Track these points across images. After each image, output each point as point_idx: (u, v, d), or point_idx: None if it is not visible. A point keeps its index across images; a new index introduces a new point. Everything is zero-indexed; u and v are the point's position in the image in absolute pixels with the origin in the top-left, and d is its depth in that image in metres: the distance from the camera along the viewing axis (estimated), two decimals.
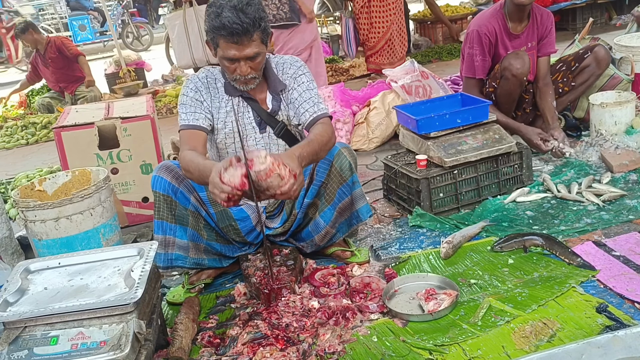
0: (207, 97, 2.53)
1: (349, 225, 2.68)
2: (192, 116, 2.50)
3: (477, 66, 3.56)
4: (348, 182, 2.56)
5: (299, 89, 2.54)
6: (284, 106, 2.59)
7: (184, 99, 2.53)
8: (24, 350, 1.80)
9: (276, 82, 2.55)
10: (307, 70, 2.60)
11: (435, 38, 8.14)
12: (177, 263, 2.59)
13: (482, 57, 3.53)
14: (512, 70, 3.40)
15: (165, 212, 2.51)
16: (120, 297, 1.86)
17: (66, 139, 3.33)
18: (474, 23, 3.59)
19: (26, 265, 2.11)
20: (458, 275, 2.50)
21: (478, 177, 3.09)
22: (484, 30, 3.49)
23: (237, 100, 2.55)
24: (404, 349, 2.06)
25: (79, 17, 13.32)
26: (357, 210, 2.63)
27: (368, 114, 4.35)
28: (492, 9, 3.57)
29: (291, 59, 2.62)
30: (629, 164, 3.24)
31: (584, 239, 2.63)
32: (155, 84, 8.64)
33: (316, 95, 2.55)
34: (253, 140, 2.60)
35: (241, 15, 2.25)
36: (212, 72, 2.58)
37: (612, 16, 7.86)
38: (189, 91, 2.53)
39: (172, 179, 2.49)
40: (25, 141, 6.30)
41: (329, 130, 2.43)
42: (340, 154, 2.53)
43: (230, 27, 2.25)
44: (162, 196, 2.49)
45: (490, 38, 3.50)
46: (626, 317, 2.04)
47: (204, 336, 2.26)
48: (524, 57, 3.41)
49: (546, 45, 3.60)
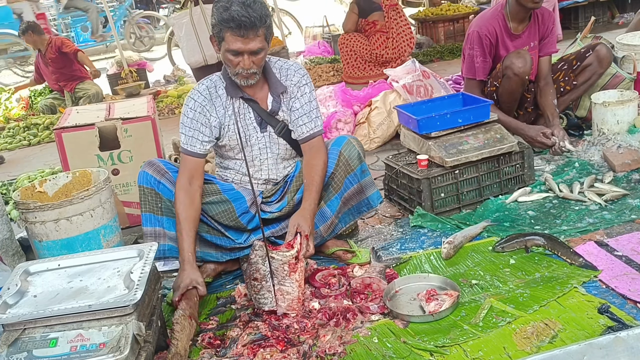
0: (212, 109, 2.62)
1: (357, 213, 2.79)
2: (190, 141, 2.62)
3: (477, 67, 3.55)
4: (356, 172, 2.67)
5: (301, 99, 2.64)
6: (284, 108, 2.65)
7: (184, 119, 2.63)
8: (24, 352, 1.80)
9: (277, 84, 2.62)
10: (310, 80, 2.70)
11: (437, 37, 8.12)
12: (170, 254, 2.65)
13: (482, 59, 3.52)
14: (513, 69, 3.38)
15: (151, 204, 2.62)
16: (120, 299, 1.85)
17: (67, 140, 3.33)
18: (475, 24, 3.58)
19: (26, 267, 2.11)
20: (459, 276, 2.49)
21: (479, 177, 3.08)
22: (484, 31, 3.48)
23: (238, 103, 2.61)
24: (404, 350, 2.06)
25: (81, 19, 13.32)
26: (368, 197, 2.75)
27: (369, 113, 4.35)
28: (493, 10, 3.56)
29: (295, 65, 2.70)
30: (632, 163, 3.22)
31: (586, 239, 2.62)
32: (157, 84, 8.64)
33: (315, 108, 2.67)
34: (255, 140, 2.66)
35: (249, 10, 2.36)
36: (213, 81, 2.65)
37: (615, 14, 7.84)
38: (188, 111, 2.62)
39: (155, 172, 2.60)
40: (27, 142, 6.31)
41: (324, 157, 2.61)
42: (349, 143, 2.67)
43: (238, 19, 2.35)
44: (147, 189, 2.61)
45: (491, 39, 3.49)
46: (628, 317, 2.03)
47: (204, 337, 2.26)
48: (525, 56, 3.40)
49: (547, 45, 3.60)
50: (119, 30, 11.83)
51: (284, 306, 2.31)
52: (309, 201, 2.51)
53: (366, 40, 6.46)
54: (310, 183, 2.55)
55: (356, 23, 6.56)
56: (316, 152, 2.62)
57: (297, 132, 2.65)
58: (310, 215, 2.47)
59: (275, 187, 2.77)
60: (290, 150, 2.75)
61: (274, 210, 2.71)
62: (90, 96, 7.00)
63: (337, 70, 6.96)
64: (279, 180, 2.77)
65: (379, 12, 6.46)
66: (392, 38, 6.38)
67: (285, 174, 2.77)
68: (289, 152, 2.75)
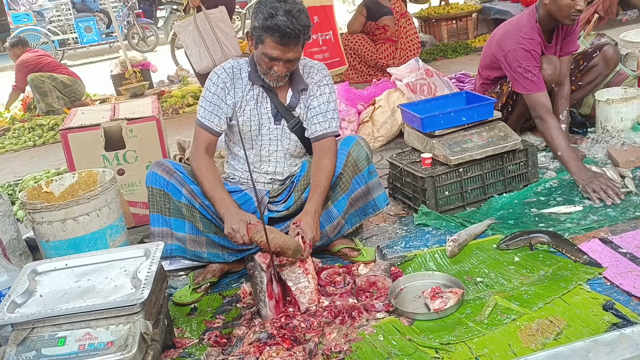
0: (232, 88, 2.65)
1: (363, 215, 2.80)
2: (209, 116, 2.64)
3: (537, 80, 3.25)
4: (364, 173, 2.68)
5: (320, 98, 2.67)
6: (302, 104, 2.69)
7: (206, 93, 2.66)
8: (32, 351, 1.82)
9: (299, 81, 2.66)
10: (331, 81, 2.73)
11: (440, 36, 8.12)
12: (177, 253, 2.67)
13: (538, 70, 3.26)
14: (544, 75, 3.27)
15: (160, 205, 2.62)
16: (127, 298, 1.87)
17: (72, 141, 3.35)
18: (513, 42, 3.29)
19: (33, 266, 2.12)
20: (464, 274, 2.50)
21: (483, 175, 3.09)
22: (530, 47, 3.25)
23: (258, 90, 2.65)
24: (410, 347, 2.07)
25: (85, 19, 13.37)
26: (375, 199, 2.76)
27: (373, 112, 4.35)
28: (526, 24, 3.31)
29: (319, 65, 2.74)
30: (635, 160, 3.22)
31: (591, 236, 2.62)
32: (161, 84, 8.65)
33: (333, 109, 2.69)
34: (267, 130, 2.70)
35: (294, 21, 2.38)
36: (238, 62, 2.70)
37: (618, 12, 7.81)
38: (211, 85, 2.65)
39: (163, 172, 2.60)
40: (32, 143, 6.33)
41: (333, 158, 2.61)
42: (357, 144, 2.67)
43: (284, 30, 2.37)
44: (155, 190, 2.61)
45: (537, 52, 3.28)
46: (633, 314, 2.03)
47: (210, 336, 2.27)
48: (555, 63, 3.31)
49: (568, 44, 3.46)
50: (122, 30, 11.87)
51: (305, 302, 2.33)
52: (312, 203, 2.50)
53: (372, 45, 6.38)
54: (316, 184, 2.55)
55: (363, 25, 6.50)
56: (326, 153, 2.62)
57: (311, 130, 2.66)
58: (312, 219, 2.45)
59: (282, 187, 2.77)
60: (300, 148, 2.76)
61: (281, 209, 2.72)
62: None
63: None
64: (284, 178, 2.78)
65: (389, 16, 6.38)
66: (400, 49, 6.33)
67: (290, 172, 2.78)
68: (299, 149, 2.76)
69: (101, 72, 8.86)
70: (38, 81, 7.08)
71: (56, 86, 7.16)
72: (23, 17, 13.90)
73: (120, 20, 12.33)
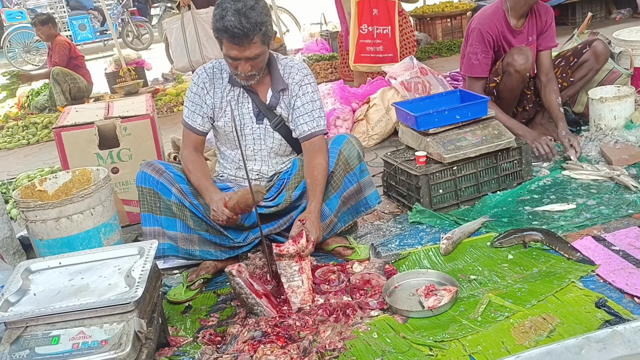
0: (211, 88, 2.68)
1: (355, 213, 2.80)
2: (192, 115, 2.71)
3: (477, 65, 3.53)
4: (355, 171, 2.68)
5: (303, 97, 2.66)
6: (282, 104, 2.67)
7: (189, 94, 2.71)
8: (26, 350, 1.81)
9: (279, 81, 2.65)
10: (313, 80, 2.72)
11: (435, 34, 8.12)
12: (169, 252, 2.68)
13: (484, 56, 3.50)
14: (515, 65, 3.38)
15: (150, 204, 2.63)
16: (121, 296, 1.87)
17: (66, 139, 3.34)
18: (475, 21, 3.57)
19: (27, 265, 2.12)
20: (458, 272, 2.51)
21: (477, 173, 3.10)
22: (486, 28, 3.46)
23: (238, 91, 2.67)
24: (404, 345, 2.07)
25: (79, 17, 13.31)
26: (366, 197, 2.76)
27: (368, 110, 4.36)
28: (494, 7, 3.54)
29: (300, 64, 2.72)
30: (629, 158, 3.24)
31: (584, 233, 2.63)
32: (155, 82, 8.63)
33: (318, 108, 2.68)
34: (249, 130, 2.70)
35: (243, 19, 2.36)
36: (220, 63, 2.71)
37: (612, 10, 7.84)
38: (193, 85, 2.70)
39: (153, 171, 2.62)
40: (26, 141, 6.30)
41: (325, 156, 2.61)
42: (349, 142, 2.68)
43: (231, 30, 2.37)
44: (145, 189, 2.62)
45: (493, 36, 3.47)
46: (625, 311, 2.05)
47: (204, 334, 2.27)
48: (527, 53, 3.39)
49: (546, 39, 3.59)
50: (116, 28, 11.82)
51: (297, 301, 2.33)
52: (314, 202, 2.50)
53: None
54: (314, 183, 2.54)
55: None
56: (318, 151, 2.62)
57: (298, 130, 2.66)
58: (316, 218, 2.47)
59: (269, 183, 2.77)
60: (286, 146, 2.76)
61: (271, 204, 2.71)
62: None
63: (335, 67, 6.96)
64: (271, 176, 2.78)
65: None
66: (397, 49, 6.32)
67: (277, 170, 2.78)
68: (284, 147, 2.76)
69: (95, 70, 8.82)
70: (61, 76, 7.09)
71: (72, 89, 7.15)
72: (17, 15, 13.80)
73: (114, 18, 12.27)
